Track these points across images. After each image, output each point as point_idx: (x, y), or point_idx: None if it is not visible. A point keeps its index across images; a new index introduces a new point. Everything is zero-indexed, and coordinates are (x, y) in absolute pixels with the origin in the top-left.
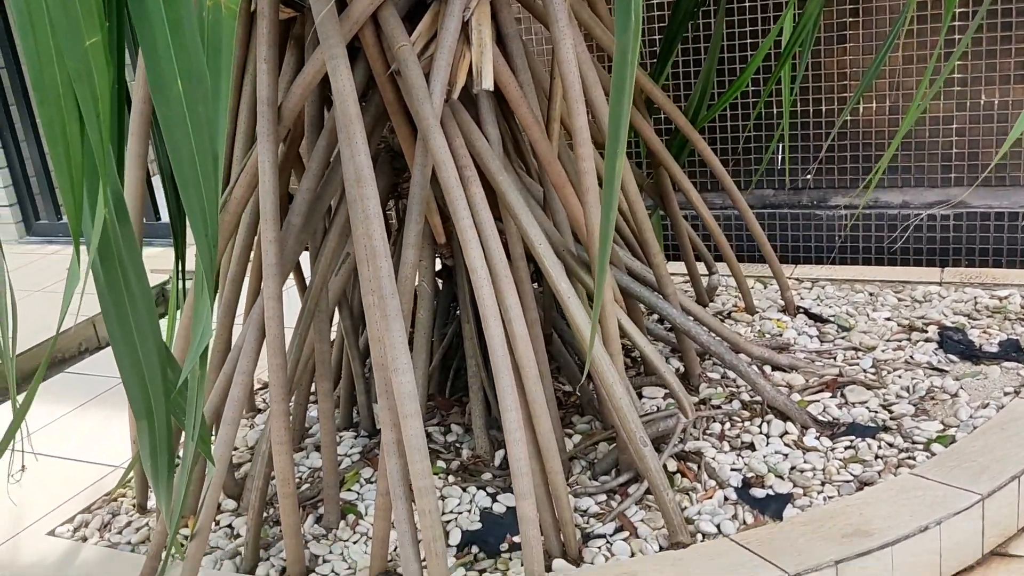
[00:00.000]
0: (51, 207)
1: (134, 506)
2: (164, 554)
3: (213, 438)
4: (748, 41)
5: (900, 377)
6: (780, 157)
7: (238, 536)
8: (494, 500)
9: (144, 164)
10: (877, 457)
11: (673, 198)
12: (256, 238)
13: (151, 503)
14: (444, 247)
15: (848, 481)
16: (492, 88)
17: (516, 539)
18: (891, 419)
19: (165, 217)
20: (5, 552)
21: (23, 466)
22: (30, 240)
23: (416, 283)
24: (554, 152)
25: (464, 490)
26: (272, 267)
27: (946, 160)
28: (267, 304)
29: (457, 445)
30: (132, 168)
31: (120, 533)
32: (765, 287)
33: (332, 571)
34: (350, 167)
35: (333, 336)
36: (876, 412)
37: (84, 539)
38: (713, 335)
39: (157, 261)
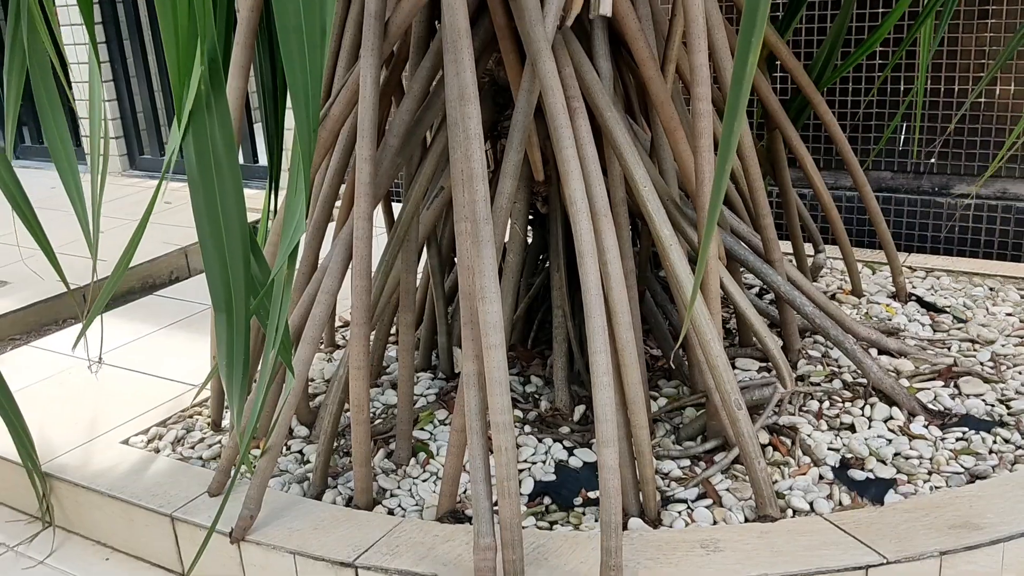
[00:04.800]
0: (155, 143)
1: (208, 424)
2: (235, 464)
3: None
4: (880, 10)
5: (1021, 373)
6: (903, 136)
7: (308, 462)
8: (571, 454)
9: (246, 75)
10: (991, 452)
11: (785, 166)
12: (351, 161)
13: (225, 421)
14: (541, 187)
15: (958, 473)
16: (610, 14)
17: (591, 494)
18: (1009, 415)
19: (263, 160)
20: (78, 456)
21: (100, 358)
22: (133, 173)
23: (508, 227)
24: (668, 92)
25: (540, 441)
26: (365, 186)
27: None
28: (357, 224)
29: (536, 397)
30: (234, 78)
31: (192, 448)
32: (873, 273)
33: (399, 506)
34: (454, 84)
35: (419, 277)
36: (993, 406)
37: (156, 451)
38: (818, 308)
39: (252, 202)
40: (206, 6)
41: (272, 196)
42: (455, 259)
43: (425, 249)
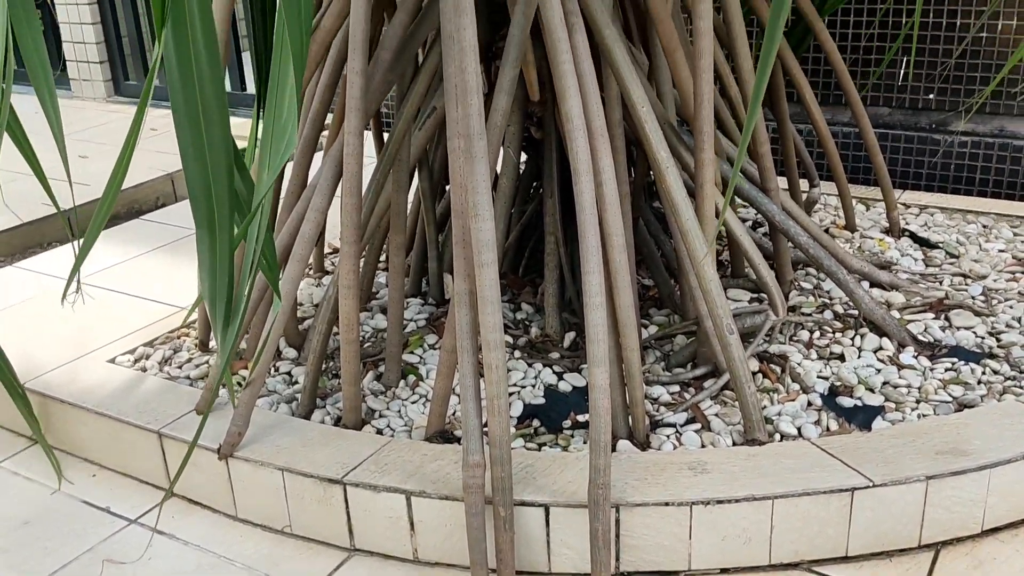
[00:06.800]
0: (140, 68)
1: (196, 344)
2: (217, 379)
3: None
4: None
5: (1012, 307)
6: (902, 72)
7: (296, 383)
8: (560, 378)
9: None
10: (980, 382)
11: (784, 97)
12: (341, 76)
13: (213, 342)
14: (536, 107)
15: (946, 401)
16: None
17: (580, 418)
18: (999, 347)
19: (251, 88)
20: (64, 374)
21: (79, 289)
22: (118, 99)
23: (502, 152)
24: (668, 10)
25: (530, 366)
26: (356, 100)
27: None
28: (347, 140)
29: (526, 323)
30: None
31: (180, 368)
32: (868, 209)
33: (388, 426)
34: None
35: (410, 201)
36: (983, 339)
37: (144, 370)
38: (812, 239)
39: (240, 129)
40: None
41: (260, 118)
42: (447, 186)
43: (416, 173)
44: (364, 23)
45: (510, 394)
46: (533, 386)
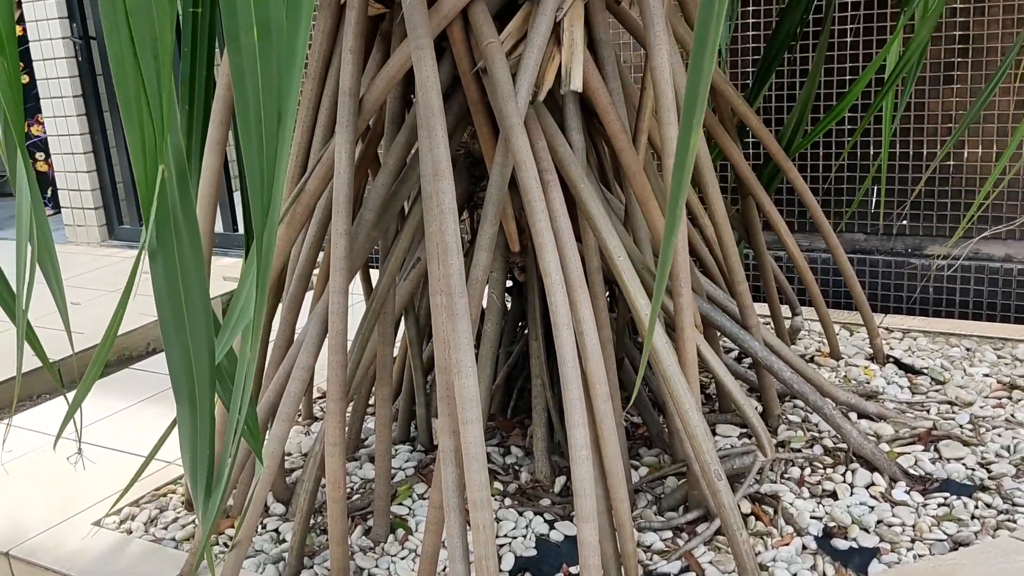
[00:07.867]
0: (135, 213)
1: (183, 503)
2: (199, 554)
3: (265, 436)
4: (848, 66)
5: (1000, 436)
6: (875, 199)
7: (283, 541)
8: (551, 527)
9: (222, 152)
10: (974, 517)
11: (760, 231)
12: (327, 233)
13: None
14: (517, 257)
15: (941, 540)
16: (580, 89)
17: (573, 570)
18: (990, 478)
19: (243, 229)
20: (49, 539)
21: (79, 449)
22: (112, 243)
23: (486, 295)
24: (640, 164)
25: (520, 514)
26: (340, 260)
27: None
28: (332, 299)
29: (516, 468)
30: (210, 154)
31: (166, 529)
32: (851, 335)
33: None
34: (428, 160)
35: (397, 347)
36: (973, 470)
37: (129, 532)
38: (796, 374)
39: (232, 270)
40: (166, 101)
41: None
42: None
43: (403, 319)
44: (347, 187)
45: (501, 546)
46: (524, 536)
